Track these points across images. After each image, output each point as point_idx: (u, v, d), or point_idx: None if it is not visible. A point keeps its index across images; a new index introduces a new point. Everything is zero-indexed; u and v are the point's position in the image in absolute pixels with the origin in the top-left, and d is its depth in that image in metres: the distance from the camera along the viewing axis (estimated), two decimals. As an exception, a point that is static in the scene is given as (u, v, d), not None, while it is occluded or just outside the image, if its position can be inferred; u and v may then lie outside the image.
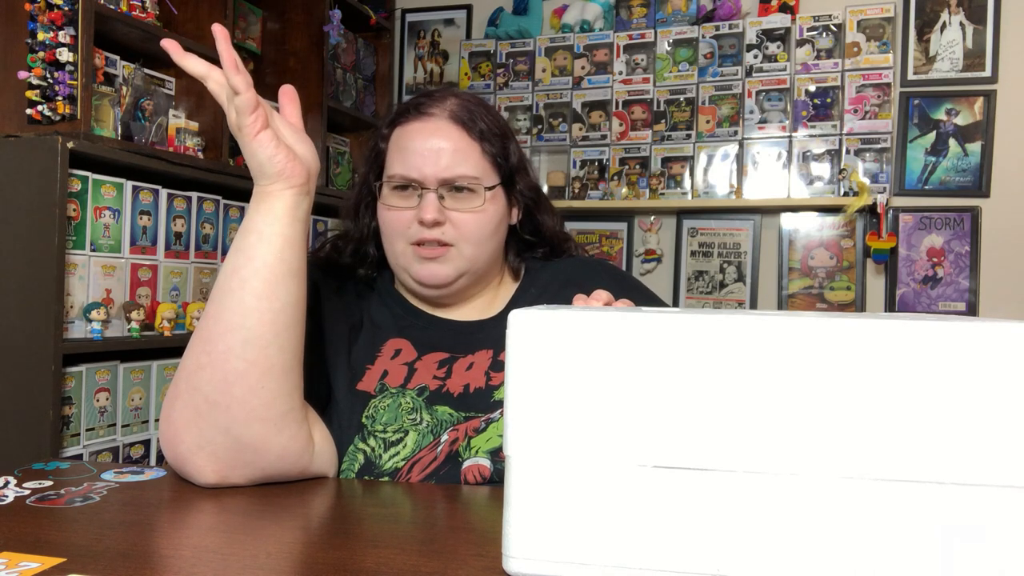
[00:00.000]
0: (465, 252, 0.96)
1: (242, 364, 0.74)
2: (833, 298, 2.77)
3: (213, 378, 0.75)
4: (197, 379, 0.75)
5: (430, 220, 0.93)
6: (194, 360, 0.76)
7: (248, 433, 0.75)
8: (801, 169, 2.79)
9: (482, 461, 0.87)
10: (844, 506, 0.47)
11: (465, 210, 0.95)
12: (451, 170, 0.94)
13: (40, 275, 1.65)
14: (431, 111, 0.97)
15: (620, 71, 2.99)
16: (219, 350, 0.75)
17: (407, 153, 0.95)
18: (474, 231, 0.96)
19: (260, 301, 0.75)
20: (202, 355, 0.76)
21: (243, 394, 0.75)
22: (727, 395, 0.48)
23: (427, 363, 0.95)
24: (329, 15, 2.72)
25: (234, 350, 0.74)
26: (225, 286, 0.76)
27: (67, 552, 0.57)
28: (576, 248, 1.12)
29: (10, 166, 1.68)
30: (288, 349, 0.77)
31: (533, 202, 1.05)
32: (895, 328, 0.47)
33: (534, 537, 0.51)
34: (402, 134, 0.98)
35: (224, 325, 0.75)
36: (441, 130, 0.96)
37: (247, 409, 0.75)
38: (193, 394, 0.76)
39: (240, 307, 0.75)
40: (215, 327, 0.76)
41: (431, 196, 0.94)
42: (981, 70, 2.65)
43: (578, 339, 0.50)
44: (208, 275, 2.14)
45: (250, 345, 0.74)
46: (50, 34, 1.75)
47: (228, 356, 0.74)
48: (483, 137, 0.97)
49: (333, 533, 0.66)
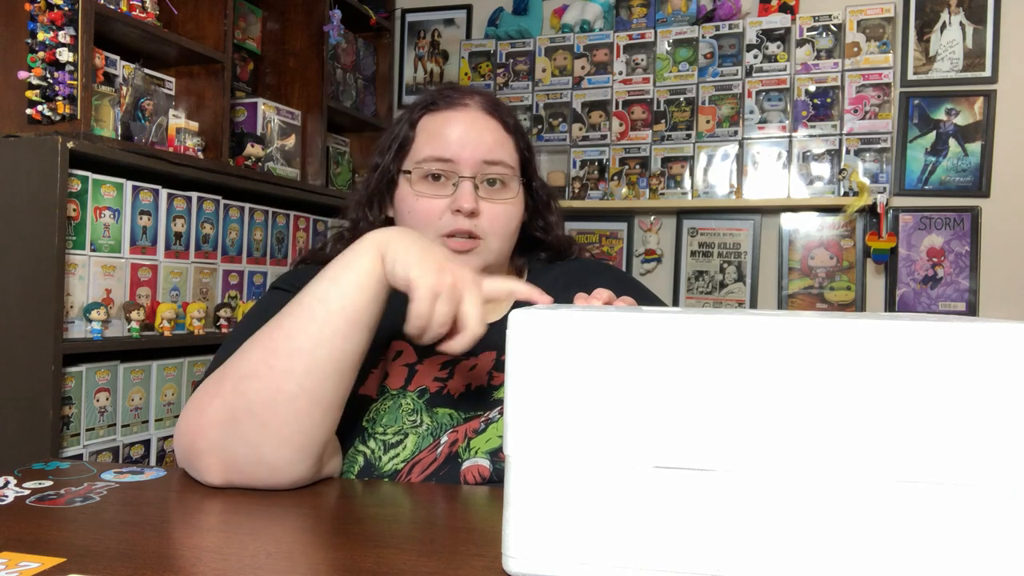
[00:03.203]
0: (492, 246, 0.95)
1: (296, 388, 0.73)
2: (833, 298, 2.77)
3: (262, 391, 0.73)
4: (246, 386, 0.73)
5: (468, 209, 0.90)
6: (251, 367, 0.74)
7: (273, 455, 0.74)
8: (801, 169, 2.79)
9: (481, 462, 0.87)
10: (843, 506, 0.47)
11: (498, 200, 0.94)
12: (492, 153, 0.93)
13: (40, 275, 1.65)
14: (464, 102, 0.96)
15: (620, 71, 2.99)
16: (280, 367, 0.73)
17: (442, 139, 0.93)
18: (504, 224, 0.95)
19: (335, 338, 0.73)
20: (260, 364, 0.73)
21: (286, 417, 0.73)
22: (727, 395, 0.48)
23: (428, 365, 0.94)
24: (329, 15, 2.72)
25: (294, 373, 0.73)
26: (308, 309, 0.74)
27: (67, 552, 0.57)
28: (580, 251, 1.11)
29: (10, 166, 1.68)
30: (341, 389, 0.76)
31: (545, 202, 1.05)
32: (895, 328, 0.47)
33: (534, 537, 0.51)
34: (435, 121, 0.95)
35: (294, 346, 0.73)
36: (479, 120, 0.95)
37: (284, 433, 0.73)
38: (237, 398, 0.73)
39: (317, 335, 0.73)
40: (284, 344, 0.73)
41: (468, 185, 0.92)
42: (981, 70, 2.65)
43: (578, 339, 0.50)
44: (208, 275, 2.14)
45: (311, 375, 0.73)
46: (50, 34, 1.75)
47: (287, 376, 0.73)
48: (514, 131, 0.98)
49: (333, 533, 0.66)
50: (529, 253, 1.08)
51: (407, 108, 1.01)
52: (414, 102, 1.00)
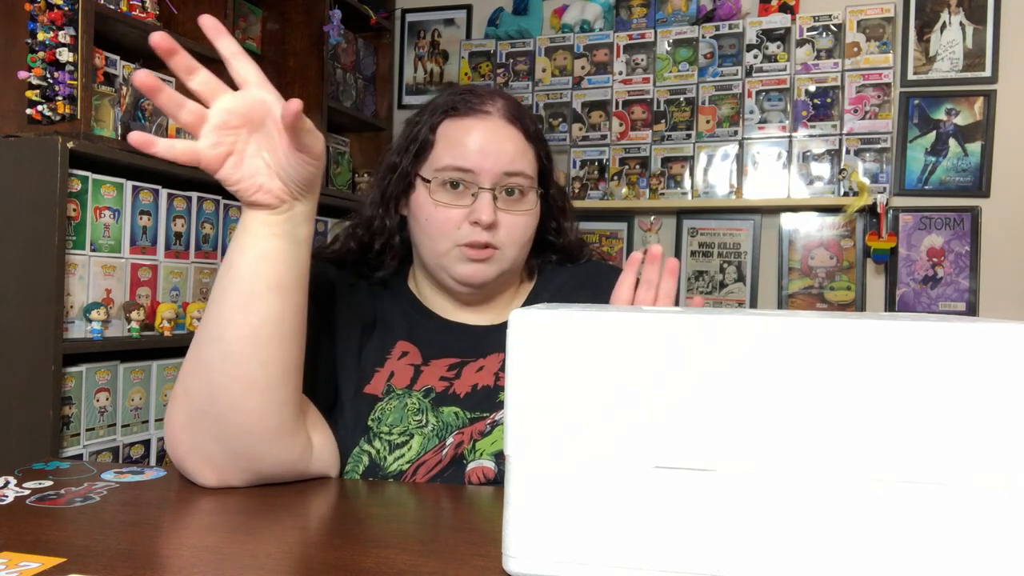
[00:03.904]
0: (508, 255, 0.94)
1: (223, 378, 0.72)
2: (833, 298, 2.77)
3: (200, 387, 0.73)
4: (188, 384, 0.74)
5: (487, 222, 0.90)
6: (187, 364, 0.75)
7: (238, 444, 0.74)
8: (801, 169, 2.79)
9: (486, 463, 0.87)
10: (843, 506, 0.47)
11: (516, 211, 0.94)
12: (513, 165, 0.92)
13: (40, 275, 1.65)
14: (487, 109, 0.95)
15: (620, 71, 2.99)
16: (203, 359, 0.73)
17: (463, 148, 0.92)
18: (521, 235, 0.95)
19: (236, 314, 0.72)
20: (192, 361, 0.74)
21: (227, 407, 0.73)
22: (727, 395, 0.48)
23: (434, 366, 0.94)
24: (329, 15, 2.72)
25: (215, 363, 0.72)
26: (213, 295, 0.74)
27: (67, 552, 0.57)
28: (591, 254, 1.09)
29: (10, 166, 1.67)
30: (272, 364, 0.73)
31: (560, 208, 1.04)
32: (895, 328, 0.47)
33: (534, 537, 0.51)
34: (456, 127, 0.94)
35: (208, 334, 0.73)
36: (501, 129, 0.94)
37: (233, 423, 0.73)
38: (186, 399, 0.75)
39: (219, 318, 0.72)
40: (202, 334, 0.74)
41: (487, 196, 0.91)
42: (981, 70, 2.65)
43: (578, 339, 0.50)
44: (208, 275, 2.14)
45: (229, 359, 0.72)
46: (50, 34, 1.75)
47: (211, 368, 0.72)
48: (534, 139, 0.97)
49: (333, 533, 0.66)
50: (541, 255, 1.07)
51: (426, 109, 0.98)
52: (434, 104, 0.98)
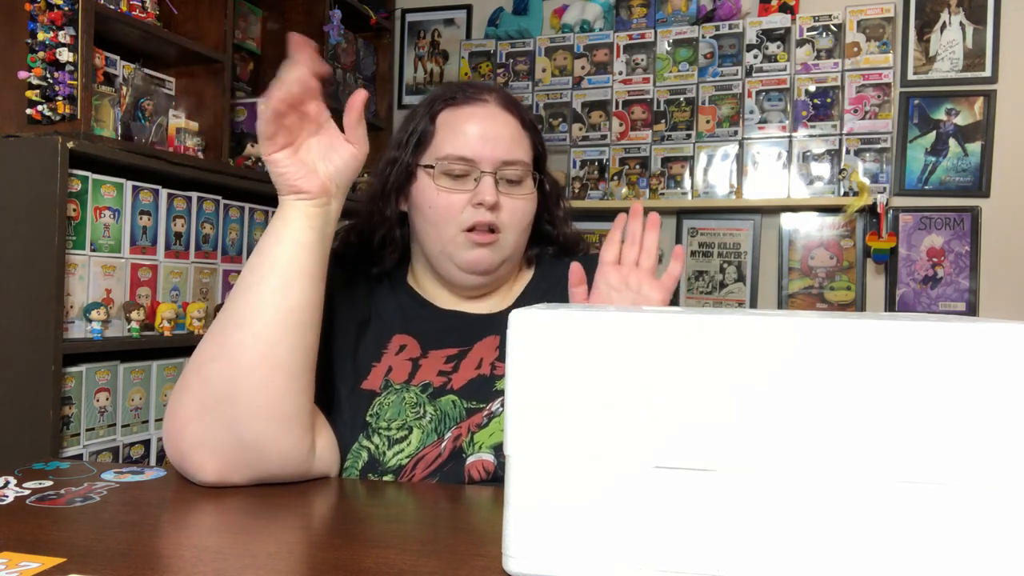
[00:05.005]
0: (509, 240, 0.97)
1: (252, 358, 0.75)
2: (833, 298, 2.77)
3: (222, 370, 0.75)
4: (207, 371, 0.76)
5: (491, 202, 0.93)
6: (207, 352, 0.77)
7: (252, 431, 0.75)
8: (801, 169, 2.79)
9: (486, 456, 0.87)
10: (843, 506, 0.47)
11: (516, 196, 0.97)
12: (511, 153, 0.95)
13: (40, 275, 1.65)
14: (483, 97, 0.98)
15: (620, 71, 2.99)
16: (231, 342, 0.75)
17: (464, 135, 0.95)
18: (521, 218, 0.98)
19: (274, 296, 0.76)
20: (214, 347, 0.76)
21: (250, 389, 0.75)
22: (727, 395, 0.48)
23: (432, 359, 0.95)
24: (329, 15, 2.72)
25: (245, 343, 0.75)
26: (243, 283, 0.78)
27: (67, 552, 0.57)
28: (587, 248, 1.12)
29: (10, 166, 1.67)
30: (298, 350, 0.77)
31: (553, 198, 1.07)
32: (895, 328, 0.47)
33: (534, 537, 0.51)
34: (454, 116, 0.97)
35: (238, 318, 0.76)
36: (498, 116, 0.97)
37: (253, 406, 0.75)
38: (202, 386, 0.76)
39: (255, 301, 0.76)
40: (229, 320, 0.77)
41: (490, 179, 0.94)
42: (981, 70, 2.65)
43: (578, 339, 0.50)
44: (208, 275, 2.14)
45: (260, 340, 0.75)
46: (50, 34, 1.75)
47: (240, 349, 0.75)
48: (530, 127, 1.00)
49: (333, 533, 0.66)
50: (538, 245, 1.09)
51: (424, 102, 1.01)
52: (432, 96, 1.01)
